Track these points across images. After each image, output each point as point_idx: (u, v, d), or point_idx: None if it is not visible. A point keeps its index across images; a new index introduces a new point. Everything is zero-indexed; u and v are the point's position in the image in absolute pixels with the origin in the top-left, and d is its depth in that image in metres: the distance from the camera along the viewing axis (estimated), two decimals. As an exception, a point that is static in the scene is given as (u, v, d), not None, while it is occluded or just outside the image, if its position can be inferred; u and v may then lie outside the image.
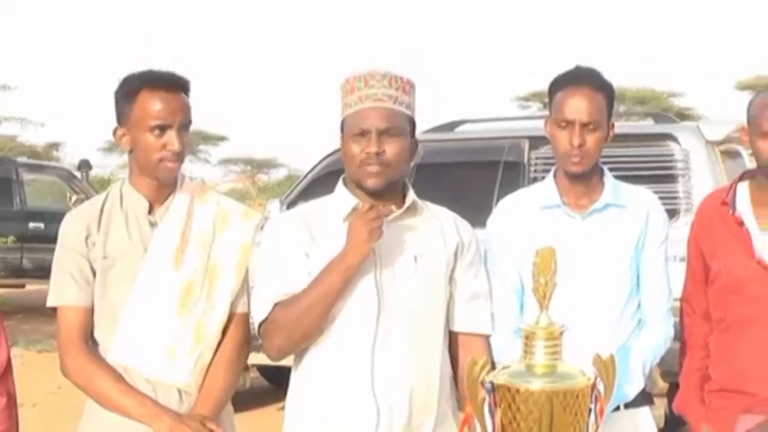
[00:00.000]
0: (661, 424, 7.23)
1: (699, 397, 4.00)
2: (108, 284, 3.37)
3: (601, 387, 2.52)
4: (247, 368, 8.51)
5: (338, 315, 3.34)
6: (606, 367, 2.52)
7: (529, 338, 2.48)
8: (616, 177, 3.84)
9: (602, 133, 3.62)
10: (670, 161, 7.62)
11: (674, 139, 7.68)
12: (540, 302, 2.51)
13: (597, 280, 3.63)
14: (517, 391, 2.42)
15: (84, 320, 3.37)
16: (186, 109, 3.41)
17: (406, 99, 3.41)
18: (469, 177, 7.99)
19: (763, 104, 3.79)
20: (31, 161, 20.25)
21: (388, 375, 3.32)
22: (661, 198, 3.90)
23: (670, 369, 6.94)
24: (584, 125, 3.58)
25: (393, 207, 3.39)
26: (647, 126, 8.45)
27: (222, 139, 48.21)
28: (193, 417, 3.33)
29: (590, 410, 2.49)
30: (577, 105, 3.58)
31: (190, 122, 3.42)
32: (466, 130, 8.92)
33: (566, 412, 2.43)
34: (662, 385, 7.25)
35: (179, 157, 3.38)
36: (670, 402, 7.30)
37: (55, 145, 39.76)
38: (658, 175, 7.43)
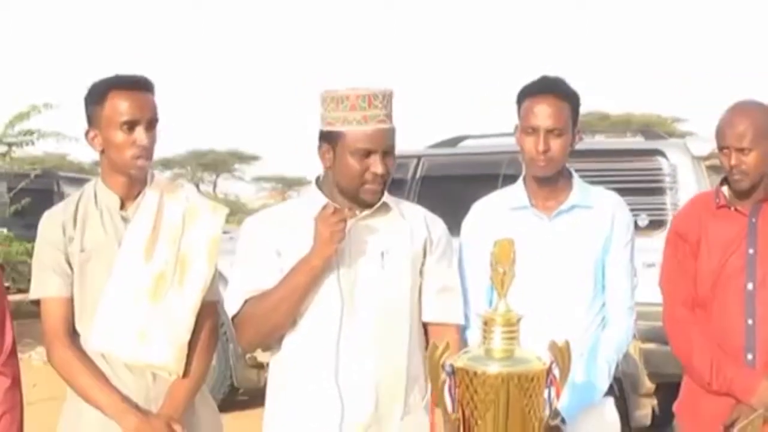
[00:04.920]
0: (648, 423, 7.21)
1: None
2: (86, 276, 3.39)
3: (556, 372, 2.50)
4: (261, 366, 8.51)
5: (305, 312, 3.33)
6: (562, 353, 2.50)
7: (487, 324, 2.48)
8: (610, 189, 3.84)
9: (567, 138, 3.61)
10: (659, 175, 7.56)
11: (663, 154, 7.64)
12: (498, 290, 2.50)
13: (563, 278, 3.60)
14: (475, 374, 2.42)
15: (66, 311, 3.39)
16: (152, 107, 3.42)
17: (392, 114, 3.40)
18: (470, 189, 7.93)
19: (722, 121, 3.87)
20: (72, 174, 20.21)
21: (352, 367, 3.30)
22: (649, 210, 3.90)
23: (657, 371, 6.97)
24: (549, 132, 3.58)
25: (357, 212, 3.37)
26: (638, 142, 8.41)
27: (255, 158, 48.56)
28: (160, 416, 3.36)
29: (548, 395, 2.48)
30: (542, 113, 3.58)
31: (156, 120, 3.43)
32: (467, 145, 8.93)
33: (521, 395, 2.42)
34: (649, 385, 7.21)
35: (148, 154, 3.40)
36: (659, 402, 7.31)
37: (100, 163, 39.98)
38: (648, 188, 7.41)
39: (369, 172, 3.32)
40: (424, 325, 3.47)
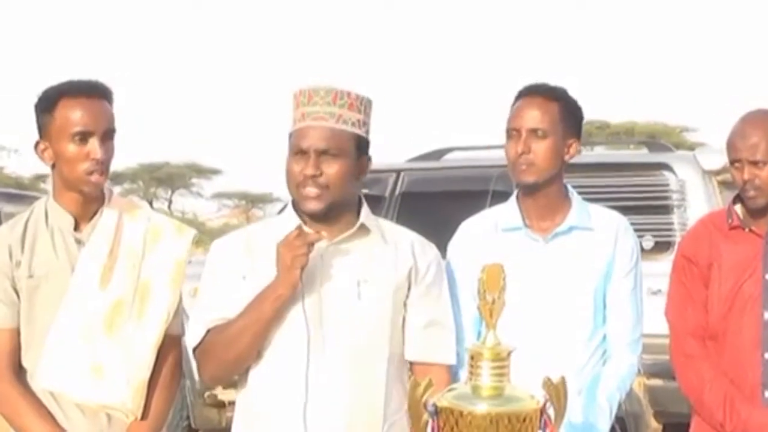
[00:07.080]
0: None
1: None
2: (35, 306, 3.36)
3: (551, 412, 2.50)
4: (222, 405, 8.49)
5: (270, 344, 3.33)
6: (557, 391, 2.50)
7: (474, 358, 2.47)
8: (610, 207, 3.84)
9: (554, 142, 3.60)
10: (665, 192, 7.59)
11: (670, 168, 7.65)
12: (486, 321, 2.49)
13: (559, 308, 3.59)
14: (461, 414, 2.41)
15: (12, 344, 3.37)
16: (108, 117, 3.40)
17: (354, 116, 3.37)
18: (456, 208, 7.92)
19: (733, 132, 3.85)
20: (11, 191, 20.06)
21: (322, 405, 3.29)
22: (655, 230, 3.89)
23: (663, 409, 6.99)
24: (531, 131, 3.58)
25: (324, 233, 3.32)
26: (642, 155, 8.43)
27: (216, 172, 48.52)
28: None
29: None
30: (524, 112, 3.60)
31: (113, 131, 3.41)
32: (453, 158, 8.91)
33: (512, 437, 2.41)
34: (655, 425, 7.22)
35: (104, 168, 3.37)
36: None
37: (42, 177, 39.96)
38: (653, 206, 7.43)
39: (301, 173, 3.31)
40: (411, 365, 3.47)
